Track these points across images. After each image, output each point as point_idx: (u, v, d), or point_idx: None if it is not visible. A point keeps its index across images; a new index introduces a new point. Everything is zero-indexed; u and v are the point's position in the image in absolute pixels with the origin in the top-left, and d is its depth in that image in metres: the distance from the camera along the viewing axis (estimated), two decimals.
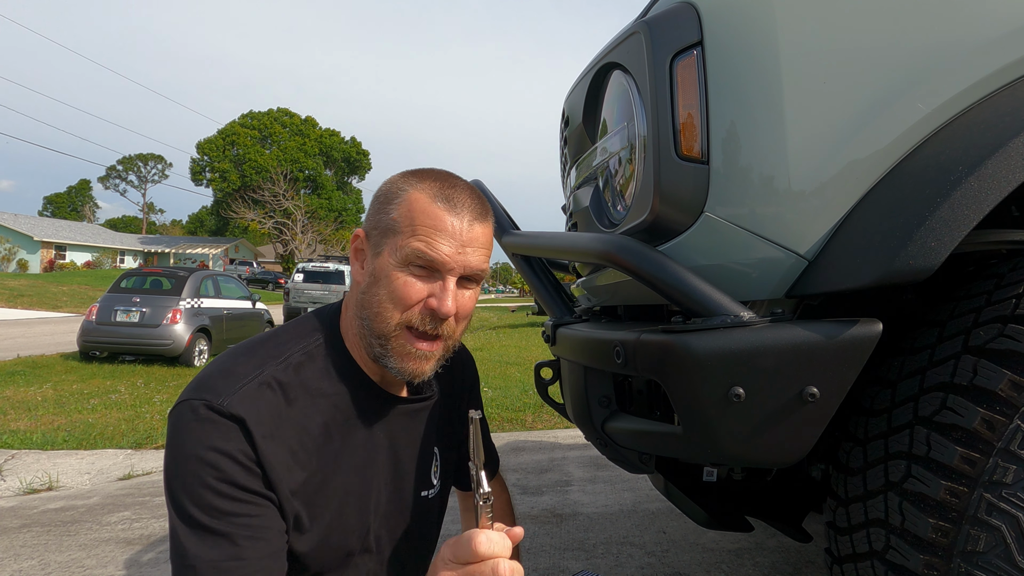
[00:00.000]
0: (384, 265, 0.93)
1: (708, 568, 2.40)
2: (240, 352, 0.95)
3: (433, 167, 1.01)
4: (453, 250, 0.92)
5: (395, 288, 0.91)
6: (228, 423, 0.86)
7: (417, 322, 0.93)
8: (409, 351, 0.94)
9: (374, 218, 0.97)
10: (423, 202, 0.92)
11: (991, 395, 0.85)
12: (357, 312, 0.98)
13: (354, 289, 1.00)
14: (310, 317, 1.04)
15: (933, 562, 0.86)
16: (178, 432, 0.87)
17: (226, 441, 0.85)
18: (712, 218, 0.98)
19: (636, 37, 1.07)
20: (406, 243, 0.91)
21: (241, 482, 0.86)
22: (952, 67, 0.93)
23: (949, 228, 0.83)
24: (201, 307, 9.73)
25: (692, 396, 0.93)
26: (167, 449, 0.88)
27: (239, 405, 0.86)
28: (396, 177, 0.99)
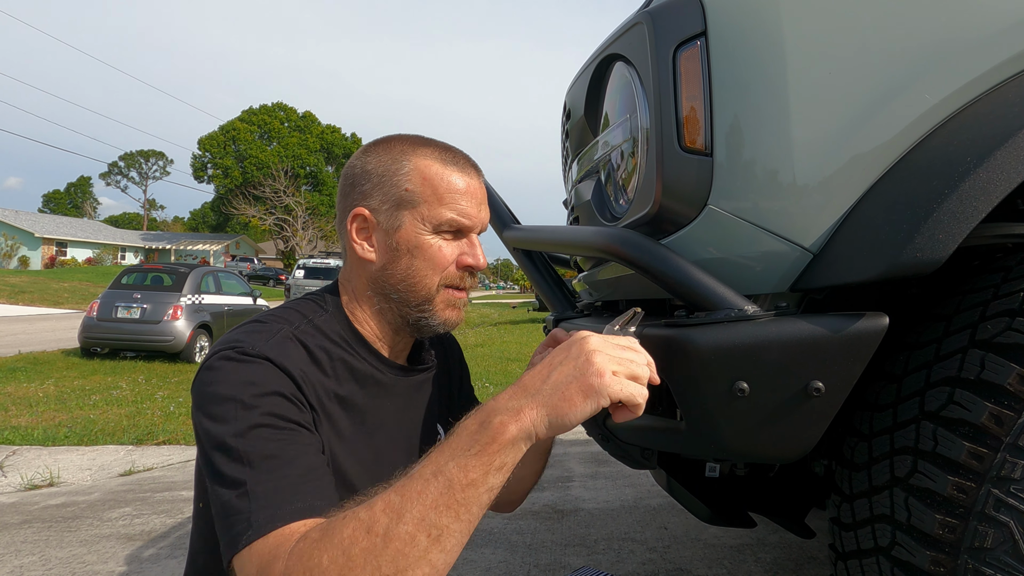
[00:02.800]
0: (410, 236, 0.96)
1: (710, 564, 2.40)
2: (248, 325, 0.94)
3: (398, 133, 1.03)
4: (476, 211, 0.99)
5: (431, 255, 0.96)
6: (265, 362, 0.85)
7: (456, 279, 0.99)
8: (452, 301, 1.00)
9: (378, 194, 0.97)
10: (436, 168, 0.97)
11: (999, 389, 0.84)
12: (378, 289, 0.99)
13: (362, 268, 1.00)
14: (305, 299, 1.04)
15: (940, 559, 0.85)
16: (212, 379, 0.84)
17: (265, 376, 0.84)
18: (716, 211, 0.97)
19: (639, 28, 1.06)
20: (436, 211, 0.96)
21: (283, 412, 0.83)
22: (959, 57, 0.92)
23: (957, 221, 0.82)
24: (202, 303, 9.74)
25: (695, 391, 0.92)
26: (199, 401, 0.84)
27: (272, 351, 0.87)
28: (376, 151, 0.99)
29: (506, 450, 0.71)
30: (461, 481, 0.69)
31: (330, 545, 0.68)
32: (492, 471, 0.70)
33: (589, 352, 0.74)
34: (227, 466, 0.78)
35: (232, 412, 0.81)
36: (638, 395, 0.74)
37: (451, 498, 0.69)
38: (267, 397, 0.83)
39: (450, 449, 0.72)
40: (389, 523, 0.68)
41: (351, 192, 1.00)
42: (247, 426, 0.80)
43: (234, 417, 0.80)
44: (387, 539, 0.67)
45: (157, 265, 10.32)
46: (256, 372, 0.84)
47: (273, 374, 0.85)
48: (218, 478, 0.79)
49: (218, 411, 0.82)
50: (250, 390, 0.82)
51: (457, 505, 0.69)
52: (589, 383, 0.72)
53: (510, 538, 2.72)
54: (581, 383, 0.72)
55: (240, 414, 0.81)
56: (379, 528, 0.68)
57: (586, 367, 0.73)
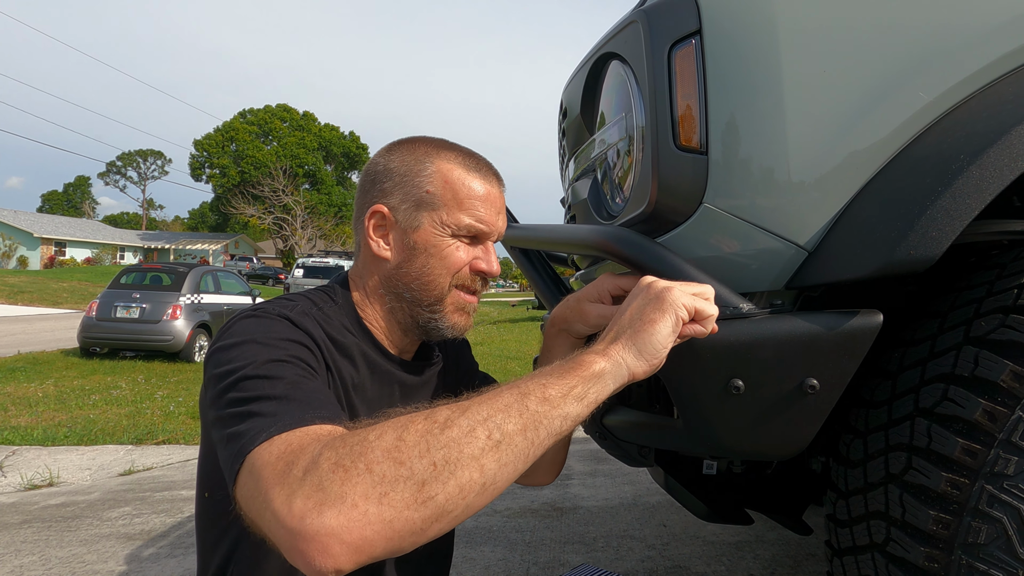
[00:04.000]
0: (427, 237, 0.97)
1: (708, 561, 2.40)
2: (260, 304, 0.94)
3: (423, 135, 1.04)
4: (494, 218, 1.00)
5: (446, 256, 0.97)
6: (286, 322, 0.86)
7: (467, 281, 1.00)
8: (462, 305, 1.00)
9: (398, 193, 0.98)
10: (458, 173, 0.98)
11: (992, 386, 0.85)
12: (390, 288, 1.00)
13: (377, 266, 1.00)
14: (315, 290, 1.04)
15: (934, 554, 0.85)
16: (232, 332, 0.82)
17: (286, 329, 0.84)
18: (711, 209, 0.97)
19: (634, 26, 1.06)
20: (455, 216, 0.97)
21: (303, 357, 0.82)
22: (954, 55, 0.92)
23: (950, 218, 0.82)
24: (201, 303, 9.74)
25: (691, 388, 0.92)
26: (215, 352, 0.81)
27: (291, 314, 0.88)
28: (400, 151, 1.00)
29: (590, 381, 0.72)
30: (537, 394, 0.68)
31: (383, 425, 0.65)
32: (572, 397, 0.70)
33: (654, 284, 0.81)
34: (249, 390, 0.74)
35: (250, 351, 0.78)
36: (707, 308, 0.80)
37: (523, 406, 0.67)
38: (288, 342, 0.82)
39: (533, 376, 0.72)
40: (451, 414, 0.66)
41: (371, 189, 1.00)
42: (268, 359, 0.77)
43: (252, 355, 0.77)
44: (446, 426, 0.64)
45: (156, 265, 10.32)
46: (275, 324, 0.84)
47: (292, 330, 0.85)
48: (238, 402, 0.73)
49: (234, 354, 0.78)
50: (268, 335, 0.82)
51: (527, 416, 0.67)
52: (661, 301, 0.78)
53: (509, 536, 2.73)
54: (655, 305, 0.78)
55: (259, 350, 0.78)
56: (440, 416, 0.65)
57: (655, 293, 0.80)
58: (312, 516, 0.60)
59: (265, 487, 0.64)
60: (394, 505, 0.61)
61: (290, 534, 0.60)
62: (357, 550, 0.60)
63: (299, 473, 0.62)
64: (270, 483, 0.63)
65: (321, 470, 0.62)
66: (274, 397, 0.72)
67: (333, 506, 0.60)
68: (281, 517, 0.61)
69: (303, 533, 0.59)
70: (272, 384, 0.74)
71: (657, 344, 0.76)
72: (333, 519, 0.59)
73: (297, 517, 0.60)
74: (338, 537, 0.59)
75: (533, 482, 1.18)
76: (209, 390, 0.80)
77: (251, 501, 0.66)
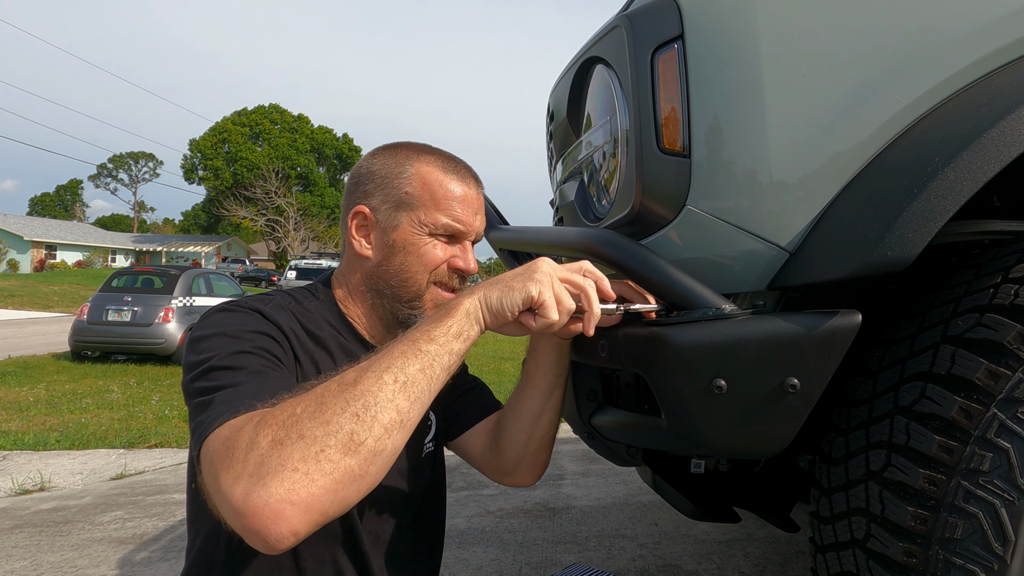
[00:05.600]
0: (406, 235, 1.01)
1: (699, 559, 2.42)
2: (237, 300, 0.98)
3: (406, 140, 1.09)
4: (471, 218, 1.04)
5: (423, 254, 1.01)
6: (256, 314, 0.90)
7: (445, 278, 1.04)
8: (440, 302, 1.04)
9: (379, 194, 1.02)
10: (436, 175, 1.02)
11: (968, 384, 0.86)
12: (371, 285, 1.04)
13: (359, 264, 1.05)
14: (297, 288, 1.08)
15: (912, 550, 0.87)
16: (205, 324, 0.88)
17: (255, 321, 0.89)
18: (694, 211, 0.99)
19: (617, 31, 1.07)
20: (432, 216, 1.01)
21: (271, 349, 0.87)
22: (930, 59, 0.93)
23: (926, 219, 0.84)
24: (193, 305, 9.70)
25: (675, 388, 0.94)
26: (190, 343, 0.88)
27: (263, 307, 0.92)
28: (383, 155, 1.05)
29: (461, 319, 0.82)
30: (424, 339, 0.78)
31: (304, 397, 0.71)
32: (451, 336, 0.80)
33: (542, 263, 0.88)
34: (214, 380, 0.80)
35: (219, 343, 0.84)
36: (553, 304, 0.85)
37: (416, 350, 0.76)
38: (255, 334, 0.87)
39: (415, 328, 0.81)
40: (358, 374, 0.73)
41: (355, 191, 1.05)
42: (234, 351, 0.83)
43: (220, 347, 0.84)
44: (356, 381, 0.72)
45: (148, 267, 10.27)
46: (245, 317, 0.89)
47: (261, 322, 0.89)
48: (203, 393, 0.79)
49: (205, 345, 0.85)
50: (238, 328, 0.87)
51: (421, 356, 0.76)
52: (528, 278, 0.85)
53: (502, 536, 2.74)
54: (524, 277, 0.86)
55: (227, 343, 0.84)
56: (349, 378, 0.73)
57: (533, 269, 0.87)
58: (258, 490, 0.64)
59: (216, 473, 0.68)
60: (331, 459, 0.66)
61: (241, 514, 0.64)
62: (308, 508, 0.64)
63: (241, 456, 0.66)
64: (219, 468, 0.68)
65: (261, 449, 0.66)
66: (231, 386, 0.78)
67: (276, 475, 0.64)
68: (231, 499, 0.64)
69: (253, 509, 0.63)
70: (234, 375, 0.80)
71: (505, 305, 0.84)
72: (278, 486, 0.64)
73: (243, 495, 0.64)
74: (287, 500, 0.63)
75: (517, 482, 1.20)
76: (185, 372, 0.86)
77: (208, 487, 0.71)
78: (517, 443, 1.14)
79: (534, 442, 1.15)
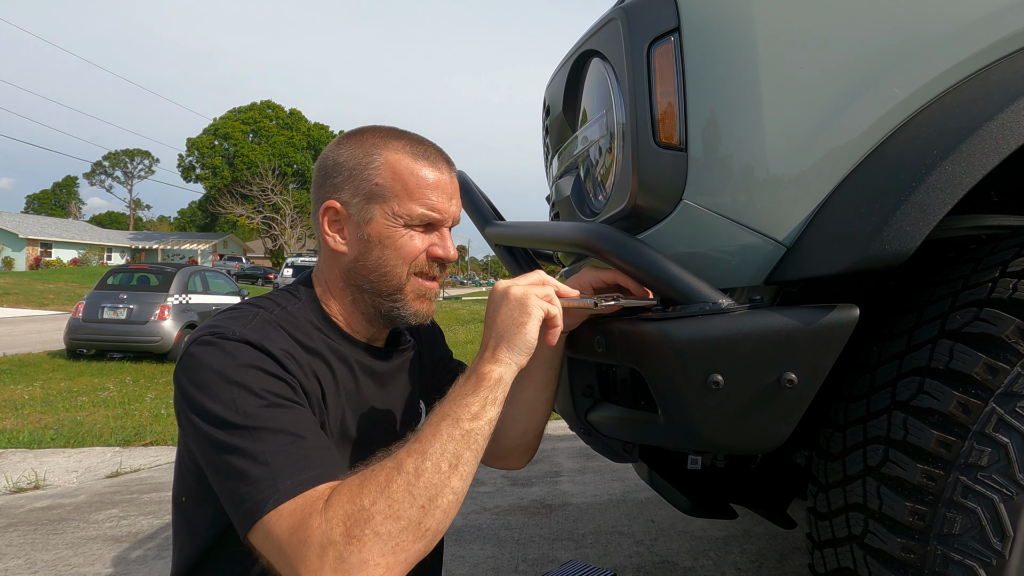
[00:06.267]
0: (380, 229, 0.98)
1: (696, 556, 2.42)
2: (223, 313, 0.96)
3: (372, 125, 1.04)
4: (446, 205, 1.01)
5: (401, 246, 0.98)
6: (248, 347, 0.87)
7: (425, 268, 1.01)
8: (422, 292, 1.02)
9: (349, 187, 0.99)
10: (406, 163, 0.98)
11: (967, 378, 0.86)
12: (350, 281, 1.01)
13: (335, 260, 1.02)
14: (277, 291, 1.06)
15: (910, 545, 0.86)
16: (198, 366, 0.86)
17: (252, 358, 0.87)
18: (691, 205, 0.98)
19: (613, 24, 1.07)
20: (406, 207, 0.97)
21: (276, 390, 0.86)
22: (928, 52, 0.93)
23: (924, 213, 0.83)
24: (189, 303, 9.67)
25: (671, 384, 0.93)
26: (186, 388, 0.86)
27: (252, 334, 0.89)
28: (348, 144, 1.01)
29: (496, 387, 0.86)
30: (465, 416, 0.83)
31: (369, 489, 0.77)
32: (488, 404, 0.85)
33: (511, 289, 0.90)
34: (234, 441, 0.81)
35: (227, 392, 0.83)
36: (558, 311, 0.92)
37: (460, 430, 0.82)
38: (255, 373, 0.85)
39: (450, 399, 0.85)
40: (416, 461, 0.79)
41: (323, 184, 1.01)
42: (247, 404, 0.83)
43: (230, 397, 0.83)
44: (418, 473, 0.78)
45: (143, 265, 10.25)
46: (240, 354, 0.86)
47: (255, 355, 0.87)
48: (226, 453, 0.81)
49: (213, 393, 0.84)
50: (238, 368, 0.85)
51: (468, 436, 0.82)
52: (524, 305, 0.89)
53: (498, 533, 2.74)
54: (521, 310, 0.88)
55: (236, 394, 0.83)
56: (409, 467, 0.79)
57: (514, 302, 0.89)
58: None
59: (290, 563, 0.75)
60: (404, 548, 0.76)
61: None
62: None
63: (316, 551, 0.74)
64: (294, 561, 0.75)
65: (337, 545, 0.74)
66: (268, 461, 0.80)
67: (360, 571, 0.73)
68: None
69: None
70: (262, 443, 0.81)
71: (530, 341, 0.89)
72: None
73: None
74: None
75: (509, 466, 1.22)
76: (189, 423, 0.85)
77: (274, 561, 0.78)
78: (513, 432, 1.14)
79: (530, 431, 1.16)
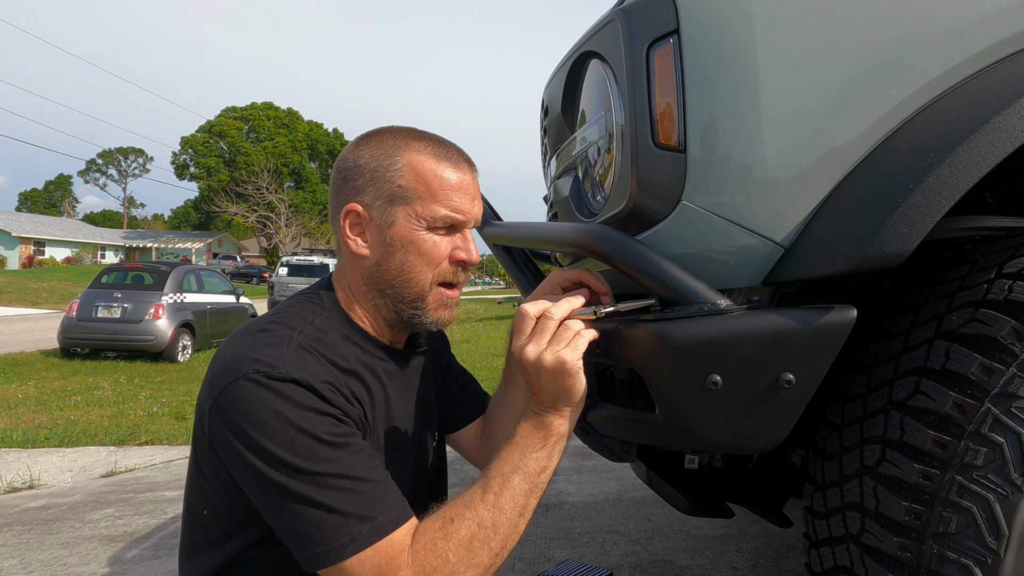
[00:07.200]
0: (403, 232, 0.97)
1: (692, 554, 2.43)
2: (251, 333, 0.94)
3: (391, 126, 1.02)
4: (469, 206, 1.00)
5: (425, 250, 0.97)
6: (297, 386, 0.87)
7: (448, 275, 1.00)
8: (444, 302, 1.02)
9: (371, 189, 0.97)
10: (429, 164, 0.97)
11: (963, 379, 0.87)
12: (372, 285, 1.00)
13: (357, 264, 1.01)
14: (301, 298, 1.04)
15: (906, 544, 0.87)
16: (253, 408, 0.85)
17: (305, 399, 0.86)
18: (689, 207, 0.98)
19: (612, 25, 1.07)
20: (429, 208, 0.96)
21: (333, 429, 0.87)
22: (925, 55, 0.93)
23: (921, 214, 0.84)
24: (184, 302, 9.65)
25: (670, 384, 0.93)
26: (241, 426, 0.85)
27: (293, 369, 0.88)
28: (368, 145, 0.99)
29: (560, 439, 0.92)
30: (535, 470, 0.89)
31: (453, 544, 0.84)
32: (554, 456, 0.92)
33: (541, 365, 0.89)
34: (300, 488, 0.83)
35: (288, 437, 0.84)
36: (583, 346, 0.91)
37: (531, 484, 0.89)
38: (313, 418, 0.85)
39: (519, 448, 0.90)
40: (495, 516, 0.86)
41: (344, 187, 1.00)
42: (310, 449, 0.84)
43: (291, 443, 0.84)
44: (495, 528, 0.86)
45: (138, 264, 10.21)
46: (293, 395, 0.86)
47: (306, 396, 0.86)
48: (292, 499, 0.83)
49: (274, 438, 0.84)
50: (296, 414, 0.84)
51: (536, 488, 0.90)
52: (565, 373, 0.88)
53: None
54: (562, 378, 0.89)
55: (298, 439, 0.84)
56: (487, 522, 0.86)
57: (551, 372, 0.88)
58: None
59: None
60: None
61: None
62: None
63: None
64: None
65: None
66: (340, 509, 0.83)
67: None
68: None
69: None
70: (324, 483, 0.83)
71: (582, 391, 0.91)
72: None
73: None
74: None
75: None
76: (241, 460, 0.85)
77: None
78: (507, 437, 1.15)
79: None
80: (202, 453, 0.94)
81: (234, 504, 0.92)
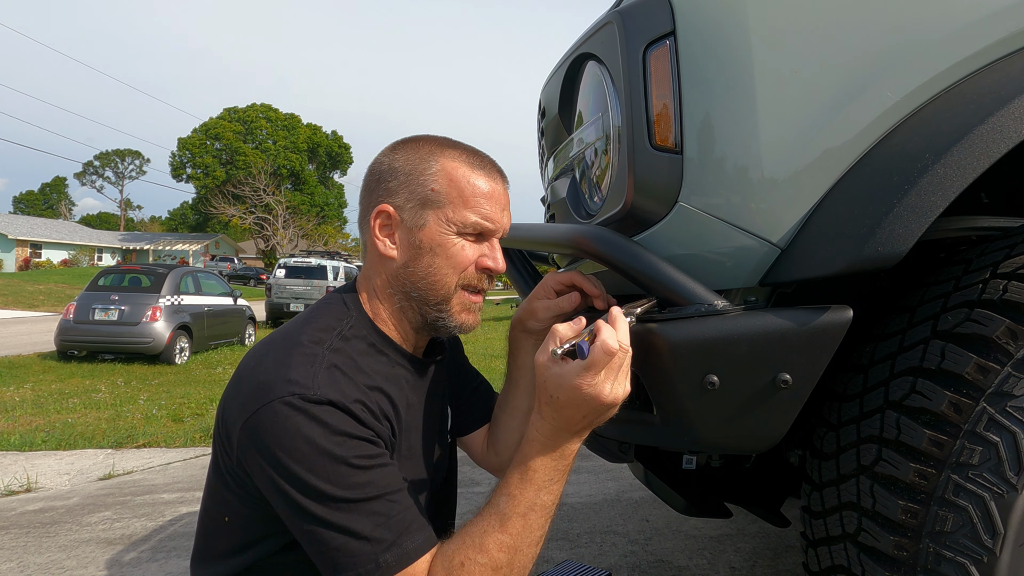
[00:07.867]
0: (433, 235, 0.97)
1: (691, 555, 2.43)
2: (278, 348, 0.94)
3: (426, 133, 1.04)
4: (499, 215, 1.00)
5: (453, 254, 0.98)
6: (330, 408, 0.87)
7: (474, 280, 1.00)
8: (468, 306, 1.01)
9: (404, 191, 0.98)
10: (463, 171, 0.98)
11: (958, 378, 0.87)
12: (398, 287, 1.00)
13: (384, 265, 1.01)
14: (327, 304, 1.04)
15: (903, 543, 0.88)
16: (288, 434, 0.86)
17: (340, 423, 0.87)
18: (686, 208, 0.99)
19: (609, 27, 1.07)
20: (460, 214, 0.97)
21: (366, 452, 0.88)
22: (920, 56, 0.94)
23: (916, 215, 0.84)
24: (181, 304, 9.63)
25: (668, 384, 0.94)
26: (274, 452, 0.86)
27: (328, 390, 0.88)
28: (404, 150, 1.01)
29: (573, 459, 0.90)
30: (551, 503, 0.89)
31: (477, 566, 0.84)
32: (566, 478, 0.90)
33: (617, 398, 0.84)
34: (331, 516, 0.85)
35: (322, 466, 0.85)
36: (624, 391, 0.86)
37: (547, 516, 0.89)
38: (347, 443, 0.86)
39: (535, 487, 0.87)
40: (510, 558, 0.86)
41: (376, 188, 1.00)
42: (343, 477, 0.85)
43: (325, 471, 0.85)
44: (511, 566, 0.86)
45: (135, 266, 10.19)
46: (329, 419, 0.86)
47: (342, 419, 0.87)
48: (323, 525, 0.85)
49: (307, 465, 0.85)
50: (331, 441, 0.85)
51: (550, 516, 0.89)
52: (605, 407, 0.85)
53: None
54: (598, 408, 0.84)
55: (331, 467, 0.85)
56: (503, 562, 0.85)
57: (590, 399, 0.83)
58: None
59: None
60: None
61: None
62: None
63: None
64: None
65: None
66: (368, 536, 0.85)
67: None
68: None
69: None
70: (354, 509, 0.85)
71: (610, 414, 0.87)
72: None
73: None
74: None
75: None
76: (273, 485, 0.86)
77: None
78: (512, 440, 1.15)
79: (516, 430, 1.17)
80: (226, 464, 0.94)
81: (259, 515, 0.93)
